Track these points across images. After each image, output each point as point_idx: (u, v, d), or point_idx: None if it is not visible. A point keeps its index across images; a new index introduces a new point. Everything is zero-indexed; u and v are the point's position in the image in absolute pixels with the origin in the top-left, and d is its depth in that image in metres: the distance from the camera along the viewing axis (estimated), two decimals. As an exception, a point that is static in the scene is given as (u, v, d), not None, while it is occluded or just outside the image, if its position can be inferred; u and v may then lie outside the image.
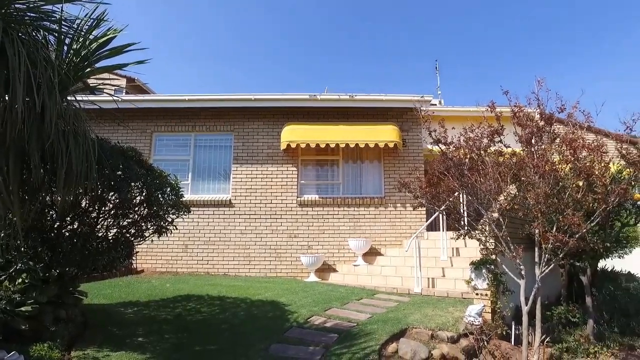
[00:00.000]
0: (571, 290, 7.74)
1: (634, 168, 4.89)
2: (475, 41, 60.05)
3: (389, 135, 9.30)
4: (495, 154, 5.35)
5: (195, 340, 4.61)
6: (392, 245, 9.42)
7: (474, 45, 61.57)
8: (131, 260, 8.72)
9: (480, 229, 5.59)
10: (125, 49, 3.45)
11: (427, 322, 5.34)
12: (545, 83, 5.26)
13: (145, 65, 3.72)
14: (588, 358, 5.33)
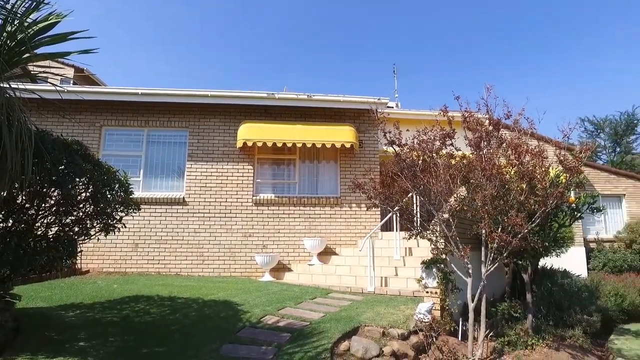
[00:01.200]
0: (515, 287, 8.15)
1: (570, 173, 5.24)
2: (434, 47, 62.10)
3: (345, 136, 9.40)
4: (447, 156, 5.55)
5: (142, 343, 4.43)
6: (347, 245, 9.53)
7: (432, 52, 63.72)
8: (75, 260, 8.22)
9: (432, 229, 5.78)
10: (70, 36, 3.23)
11: (379, 320, 5.44)
12: (493, 90, 5.54)
13: (103, 57, 3.52)
14: (526, 350, 5.63)
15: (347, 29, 60.69)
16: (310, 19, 58.26)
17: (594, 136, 30.36)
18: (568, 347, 5.99)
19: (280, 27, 58.10)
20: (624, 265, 13.44)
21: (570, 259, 11.59)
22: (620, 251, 14.48)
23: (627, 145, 28.88)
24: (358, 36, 61.67)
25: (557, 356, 5.63)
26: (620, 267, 13.32)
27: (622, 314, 8.36)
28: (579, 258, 13.99)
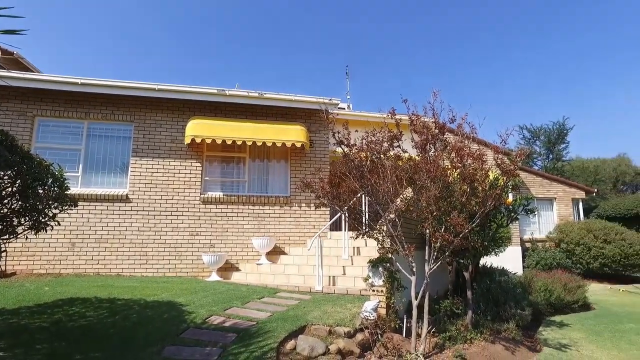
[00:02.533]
0: (458, 285, 8.52)
1: (507, 176, 5.57)
2: (389, 52, 63.53)
3: (296, 135, 9.41)
4: (394, 158, 5.69)
5: (75, 349, 4.16)
6: (296, 244, 9.54)
7: (387, 55, 65.20)
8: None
9: (379, 228, 5.91)
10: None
11: (325, 319, 5.49)
12: (439, 95, 5.76)
13: (41, 48, 3.14)
14: (465, 344, 5.90)
15: (305, 29, 60.83)
16: (268, 18, 57.78)
17: (530, 143, 32.53)
18: (503, 340, 6.35)
19: (234, 26, 57.13)
20: (553, 263, 14.48)
21: (508, 257, 12.34)
22: (551, 250, 15.60)
23: (558, 153, 31.19)
24: (314, 36, 61.97)
25: (492, 348, 5.95)
26: (551, 264, 14.34)
27: (550, 307, 8.99)
28: (515, 257, 14.94)
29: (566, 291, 9.52)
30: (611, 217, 18.64)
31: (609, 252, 14.26)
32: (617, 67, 64.37)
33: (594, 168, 33.49)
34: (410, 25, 66.09)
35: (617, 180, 35.12)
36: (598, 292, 12.01)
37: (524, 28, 66.69)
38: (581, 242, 14.87)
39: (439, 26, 66.67)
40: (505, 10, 61.41)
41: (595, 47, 62.68)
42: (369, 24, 59.80)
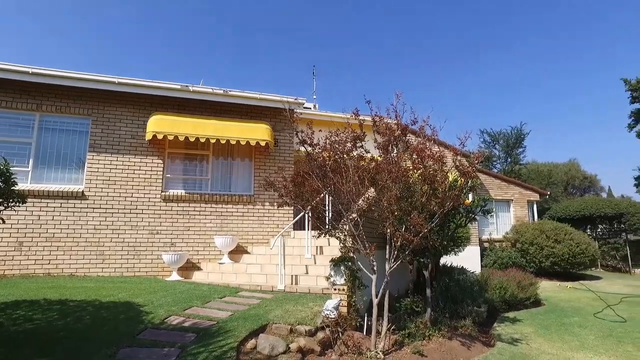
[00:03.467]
0: (418, 283, 8.74)
1: (465, 177, 5.76)
2: (360, 53, 64.19)
3: (261, 134, 9.34)
4: (357, 158, 5.76)
5: (18, 355, 3.90)
6: (259, 243, 9.47)
7: (356, 57, 65.88)
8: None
9: (341, 228, 5.96)
10: None
11: (287, 318, 5.49)
12: (402, 97, 5.88)
13: None
14: (424, 340, 6.05)
15: (268, 30, 60.43)
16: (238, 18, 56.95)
17: (490, 147, 33.75)
18: (460, 336, 6.55)
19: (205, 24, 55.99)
20: (509, 262, 15.11)
21: (467, 257, 12.75)
22: (507, 250, 16.27)
23: (515, 157, 32.52)
24: (283, 36, 61.74)
25: (449, 344, 6.13)
26: (507, 263, 14.95)
27: (504, 304, 9.38)
28: (474, 256, 15.46)
29: (520, 289, 9.96)
30: (562, 218, 19.66)
31: (559, 252, 15.03)
32: (564, 74, 68.09)
33: (548, 172, 35.21)
34: (381, 26, 67.16)
35: (568, 184, 37.08)
36: (548, 289, 12.64)
37: (488, 33, 69.25)
38: (535, 242, 15.59)
39: (410, 26, 68.13)
40: (468, 15, 63.56)
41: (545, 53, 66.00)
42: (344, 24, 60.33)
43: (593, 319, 8.84)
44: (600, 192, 40.12)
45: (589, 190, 39.64)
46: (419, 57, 72.40)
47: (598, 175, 46.89)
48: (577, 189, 38.64)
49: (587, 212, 19.84)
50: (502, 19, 66.95)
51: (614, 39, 65.44)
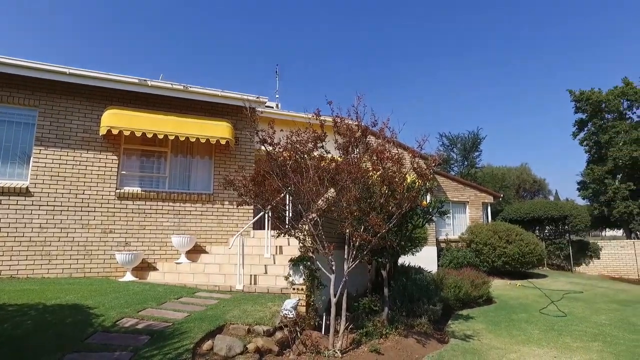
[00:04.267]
0: (377, 283, 8.88)
1: (422, 179, 5.92)
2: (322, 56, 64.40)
3: (221, 132, 9.16)
4: (318, 158, 5.79)
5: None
6: (218, 242, 9.30)
7: (321, 58, 66.07)
8: None
9: (300, 228, 5.97)
10: None
11: (245, 318, 5.43)
12: (363, 99, 5.97)
13: None
14: (381, 339, 6.17)
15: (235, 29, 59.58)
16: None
17: (449, 150, 34.82)
18: (415, 334, 6.73)
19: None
20: (464, 261, 15.67)
21: (424, 257, 13.09)
22: (463, 250, 16.86)
23: (472, 160, 33.74)
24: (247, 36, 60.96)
25: (405, 342, 6.28)
26: (462, 263, 15.49)
27: (459, 302, 9.73)
28: (431, 256, 15.90)
29: (473, 287, 10.35)
30: (513, 219, 20.61)
31: (510, 252, 15.75)
32: (516, 82, 71.58)
33: (502, 175, 36.79)
34: (347, 34, 67.80)
35: (520, 187, 38.93)
36: (499, 287, 13.22)
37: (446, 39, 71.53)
38: (488, 242, 16.24)
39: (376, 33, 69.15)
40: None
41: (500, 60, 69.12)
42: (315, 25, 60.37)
43: (538, 314, 9.34)
44: (548, 196, 42.47)
45: (538, 193, 41.82)
46: (388, 57, 73.78)
47: (547, 179, 49.58)
48: (528, 192, 40.65)
49: (536, 214, 20.90)
50: (457, 26, 69.45)
51: (563, 49, 69.52)
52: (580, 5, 64.34)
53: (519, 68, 74.37)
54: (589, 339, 7.25)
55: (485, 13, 68.90)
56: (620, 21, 64.84)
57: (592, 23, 65.01)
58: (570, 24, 65.51)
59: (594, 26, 65.93)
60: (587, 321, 8.72)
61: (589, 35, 66.73)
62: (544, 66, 72.70)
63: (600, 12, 63.62)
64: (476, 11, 68.83)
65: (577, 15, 64.50)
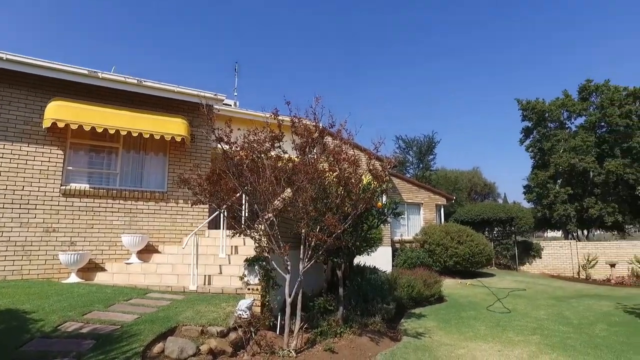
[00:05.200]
0: (333, 283, 8.95)
1: (378, 181, 6.04)
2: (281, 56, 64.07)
3: (177, 129, 8.88)
4: (275, 158, 5.77)
5: None
6: (171, 242, 9.02)
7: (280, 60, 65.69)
8: None
9: (256, 228, 5.93)
10: None
11: (198, 319, 5.33)
12: (322, 100, 6.00)
13: None
14: (335, 338, 6.24)
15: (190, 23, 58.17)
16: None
17: (405, 152, 35.70)
18: (369, 332, 6.86)
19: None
20: (417, 261, 16.12)
21: (380, 257, 13.35)
22: (416, 250, 17.34)
23: (427, 163, 34.79)
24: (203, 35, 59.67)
25: (359, 340, 6.38)
26: (415, 263, 15.93)
27: (412, 301, 10.01)
28: (386, 256, 16.22)
29: (425, 286, 10.68)
30: (465, 221, 21.46)
31: (461, 252, 16.39)
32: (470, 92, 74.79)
33: (454, 178, 38.15)
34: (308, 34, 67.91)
35: (471, 190, 40.58)
36: (450, 286, 13.73)
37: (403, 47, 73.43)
38: (441, 242, 16.81)
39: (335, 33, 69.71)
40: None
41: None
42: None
43: (485, 311, 9.79)
44: (497, 198, 44.57)
45: (488, 196, 43.76)
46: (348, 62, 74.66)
47: (496, 183, 52.00)
48: (479, 195, 42.43)
49: (485, 216, 21.88)
50: (417, 39, 71.53)
51: (516, 63, 73.29)
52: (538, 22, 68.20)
53: (474, 78, 77.70)
54: (529, 333, 7.70)
55: (462, 34, 71.45)
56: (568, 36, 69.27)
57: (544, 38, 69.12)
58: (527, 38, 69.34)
59: (545, 40, 70.05)
60: (528, 316, 9.25)
61: (535, 50, 70.90)
62: (495, 75, 76.46)
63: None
64: (450, 32, 71.23)
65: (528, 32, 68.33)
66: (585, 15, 63.76)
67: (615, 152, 25.13)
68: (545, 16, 66.12)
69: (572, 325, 8.41)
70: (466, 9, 70.66)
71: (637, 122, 25.13)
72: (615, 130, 25.35)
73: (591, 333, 7.81)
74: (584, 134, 25.86)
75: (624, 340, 7.34)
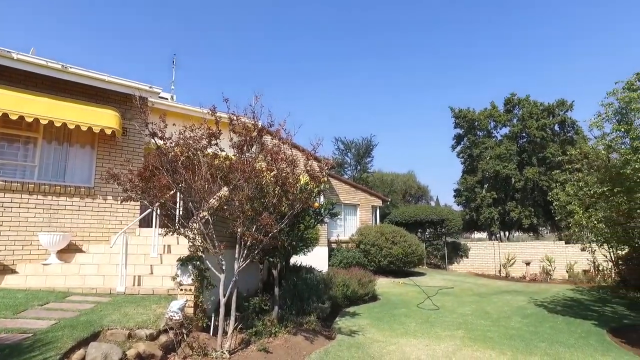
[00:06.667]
0: (269, 282, 8.89)
1: (314, 181, 6.09)
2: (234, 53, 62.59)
3: (107, 121, 8.30)
4: (212, 156, 5.62)
5: None
6: (98, 241, 8.44)
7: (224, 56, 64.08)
8: None
9: (191, 226, 5.74)
10: None
11: (125, 322, 5.07)
12: (261, 99, 5.93)
13: None
14: (270, 337, 6.21)
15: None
16: None
17: (343, 154, 36.42)
18: (304, 331, 6.89)
19: None
20: (353, 261, 16.48)
21: (316, 257, 13.47)
22: (352, 250, 17.73)
23: (364, 165, 35.76)
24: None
25: (294, 339, 6.39)
26: (351, 262, 16.27)
27: (346, 300, 10.21)
28: (323, 256, 16.41)
29: (360, 285, 10.94)
30: (399, 222, 22.31)
31: (395, 252, 17.00)
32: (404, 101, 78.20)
33: (390, 181, 39.57)
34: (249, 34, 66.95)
35: (406, 192, 42.26)
36: (384, 285, 14.19)
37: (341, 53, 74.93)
38: (376, 243, 17.32)
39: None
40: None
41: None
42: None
43: (416, 309, 10.25)
44: (430, 201, 46.83)
45: (422, 199, 45.85)
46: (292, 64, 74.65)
47: (429, 186, 54.64)
48: (413, 197, 44.31)
49: (419, 217, 22.90)
50: (352, 41, 73.40)
51: (444, 69, 77.53)
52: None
53: (409, 83, 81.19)
54: (455, 328, 8.18)
55: (404, 30, 73.93)
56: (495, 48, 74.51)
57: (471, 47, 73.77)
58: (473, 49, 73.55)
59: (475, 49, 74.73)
60: (454, 313, 9.81)
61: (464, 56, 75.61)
62: (429, 82, 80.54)
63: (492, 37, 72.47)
64: (391, 27, 73.51)
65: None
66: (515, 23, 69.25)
67: (533, 160, 27.49)
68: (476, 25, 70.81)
69: (492, 319, 9.06)
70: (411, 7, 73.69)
71: (551, 135, 27.72)
72: (533, 141, 27.72)
73: (507, 325, 8.48)
74: (508, 143, 28.02)
75: (533, 329, 8.13)
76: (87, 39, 64.49)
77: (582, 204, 10.73)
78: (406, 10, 73.50)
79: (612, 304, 11.26)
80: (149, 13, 63.80)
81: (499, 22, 69.81)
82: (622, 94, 7.80)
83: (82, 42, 63.50)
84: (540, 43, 69.07)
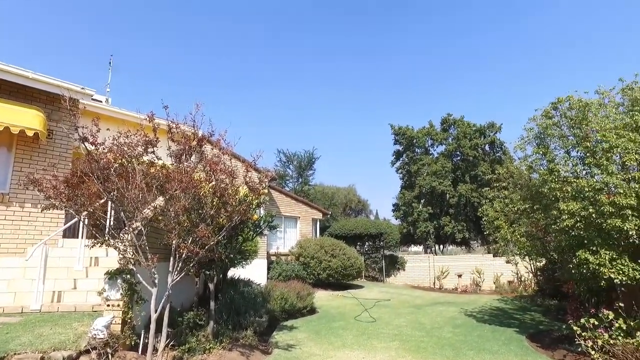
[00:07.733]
0: (205, 296, 8.55)
1: (253, 193, 6.02)
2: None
3: (28, 121, 7.56)
4: (148, 164, 5.37)
5: None
6: (11, 253, 7.61)
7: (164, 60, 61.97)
8: None
9: (122, 238, 5.41)
10: None
11: (39, 344, 4.62)
12: (202, 108, 5.79)
13: None
14: (204, 354, 5.97)
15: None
16: None
17: (285, 166, 36.37)
18: (240, 347, 6.70)
19: None
20: (292, 274, 16.37)
21: (255, 269, 13.23)
22: (292, 263, 17.63)
23: (306, 178, 35.94)
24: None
25: (229, 356, 6.20)
26: (290, 275, 16.16)
27: (285, 313, 10.10)
28: (262, 269, 16.16)
29: (299, 299, 10.88)
30: (339, 235, 22.58)
31: (334, 265, 17.14)
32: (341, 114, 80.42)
33: (331, 194, 40.09)
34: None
35: (347, 206, 43.05)
36: (323, 298, 14.22)
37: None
38: (315, 256, 17.36)
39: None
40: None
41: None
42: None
43: (354, 321, 10.36)
44: (370, 215, 48.03)
45: (362, 212, 46.88)
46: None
47: (369, 200, 56.06)
48: (353, 211, 45.19)
49: (358, 230, 23.34)
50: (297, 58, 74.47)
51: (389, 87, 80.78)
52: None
53: (352, 98, 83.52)
54: (390, 340, 8.36)
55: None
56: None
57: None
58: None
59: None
60: (390, 324, 10.04)
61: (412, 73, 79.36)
62: (373, 99, 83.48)
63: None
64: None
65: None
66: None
67: (466, 178, 29.19)
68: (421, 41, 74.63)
69: (426, 330, 9.38)
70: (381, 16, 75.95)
71: (482, 154, 29.69)
72: (466, 159, 29.47)
73: (440, 335, 8.82)
74: (444, 161, 29.55)
75: (463, 339, 8.52)
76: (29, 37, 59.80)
77: (508, 219, 11.53)
78: (349, 34, 76.00)
79: (531, 311, 12.13)
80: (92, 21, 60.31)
81: (443, 45, 74.20)
82: (540, 120, 8.55)
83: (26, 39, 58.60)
84: (476, 66, 74.16)
